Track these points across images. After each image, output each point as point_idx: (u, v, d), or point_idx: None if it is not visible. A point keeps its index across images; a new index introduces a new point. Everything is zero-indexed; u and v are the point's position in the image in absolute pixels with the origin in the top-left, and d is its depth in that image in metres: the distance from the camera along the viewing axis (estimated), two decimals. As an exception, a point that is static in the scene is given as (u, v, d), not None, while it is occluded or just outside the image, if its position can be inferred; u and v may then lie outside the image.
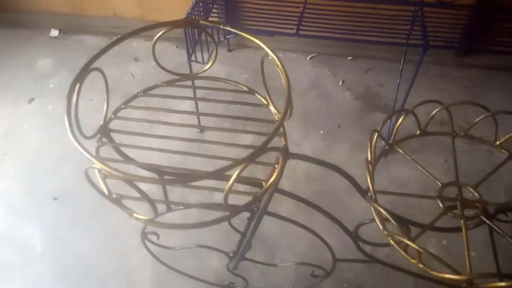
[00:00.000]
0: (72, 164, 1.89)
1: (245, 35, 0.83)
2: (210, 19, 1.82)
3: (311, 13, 1.66)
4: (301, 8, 1.67)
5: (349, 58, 2.42)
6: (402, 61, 1.95)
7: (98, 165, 0.62)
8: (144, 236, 1.18)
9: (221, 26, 0.91)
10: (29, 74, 2.41)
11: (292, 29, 1.59)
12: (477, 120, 1.05)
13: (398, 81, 1.97)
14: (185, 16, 1.62)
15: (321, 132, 2.07)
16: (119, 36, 2.24)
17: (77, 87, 0.75)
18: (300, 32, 1.58)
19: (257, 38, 0.82)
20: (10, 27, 2.67)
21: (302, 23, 1.61)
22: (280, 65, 0.78)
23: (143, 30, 0.86)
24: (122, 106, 0.99)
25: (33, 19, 2.63)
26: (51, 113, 2.18)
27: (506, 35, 1.73)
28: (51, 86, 2.32)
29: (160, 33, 0.90)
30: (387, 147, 1.04)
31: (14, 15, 2.65)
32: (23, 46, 2.57)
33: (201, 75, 0.99)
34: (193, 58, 1.75)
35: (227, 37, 1.66)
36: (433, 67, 2.38)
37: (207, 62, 1.81)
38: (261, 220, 1.01)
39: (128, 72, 2.40)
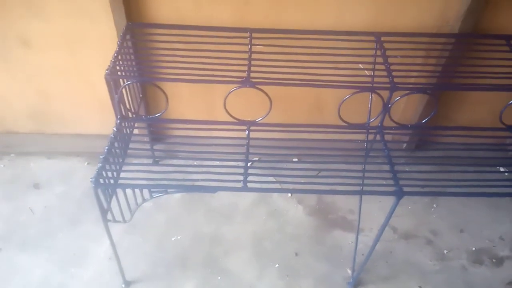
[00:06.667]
0: None
1: None
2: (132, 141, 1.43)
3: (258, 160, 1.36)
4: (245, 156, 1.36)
5: (294, 159, 2.15)
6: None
7: None
8: None
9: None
10: None
11: (239, 181, 1.26)
12: None
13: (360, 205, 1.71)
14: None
15: (277, 265, 1.73)
16: (11, 155, 1.65)
17: None
18: (249, 185, 1.26)
19: None
20: None
21: (248, 172, 1.29)
22: None
23: None
24: None
25: None
26: None
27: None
28: None
29: None
30: None
31: None
32: None
33: None
34: (109, 216, 1.34)
35: (155, 195, 1.29)
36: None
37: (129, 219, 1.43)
38: None
39: (26, 207, 1.88)
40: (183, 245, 1.78)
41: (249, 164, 1.24)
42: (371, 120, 1.44)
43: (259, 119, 1.42)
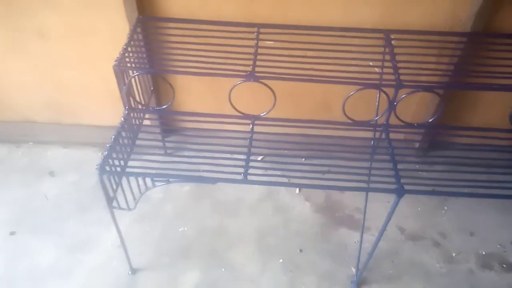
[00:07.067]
0: None
1: None
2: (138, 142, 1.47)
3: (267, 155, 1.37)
4: (247, 149, 1.37)
5: (303, 159, 2.14)
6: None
7: None
8: None
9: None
10: None
11: (239, 173, 1.28)
12: None
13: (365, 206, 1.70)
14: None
15: (281, 260, 1.74)
16: (29, 143, 1.72)
17: None
18: (249, 177, 1.27)
19: None
20: None
21: (249, 165, 1.30)
22: None
23: None
24: None
25: None
26: None
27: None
28: None
29: None
30: None
31: None
32: None
33: None
34: (115, 204, 1.38)
35: (158, 184, 1.32)
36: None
37: (134, 207, 1.46)
38: None
39: (40, 193, 1.94)
40: (189, 236, 1.81)
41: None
42: (377, 118, 1.43)
43: (264, 113, 1.44)
